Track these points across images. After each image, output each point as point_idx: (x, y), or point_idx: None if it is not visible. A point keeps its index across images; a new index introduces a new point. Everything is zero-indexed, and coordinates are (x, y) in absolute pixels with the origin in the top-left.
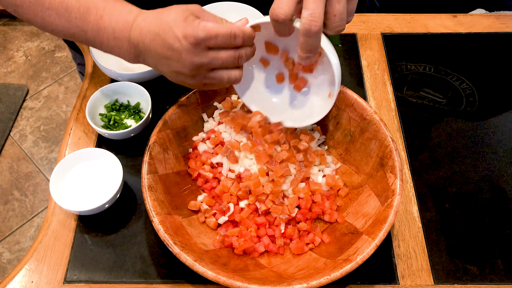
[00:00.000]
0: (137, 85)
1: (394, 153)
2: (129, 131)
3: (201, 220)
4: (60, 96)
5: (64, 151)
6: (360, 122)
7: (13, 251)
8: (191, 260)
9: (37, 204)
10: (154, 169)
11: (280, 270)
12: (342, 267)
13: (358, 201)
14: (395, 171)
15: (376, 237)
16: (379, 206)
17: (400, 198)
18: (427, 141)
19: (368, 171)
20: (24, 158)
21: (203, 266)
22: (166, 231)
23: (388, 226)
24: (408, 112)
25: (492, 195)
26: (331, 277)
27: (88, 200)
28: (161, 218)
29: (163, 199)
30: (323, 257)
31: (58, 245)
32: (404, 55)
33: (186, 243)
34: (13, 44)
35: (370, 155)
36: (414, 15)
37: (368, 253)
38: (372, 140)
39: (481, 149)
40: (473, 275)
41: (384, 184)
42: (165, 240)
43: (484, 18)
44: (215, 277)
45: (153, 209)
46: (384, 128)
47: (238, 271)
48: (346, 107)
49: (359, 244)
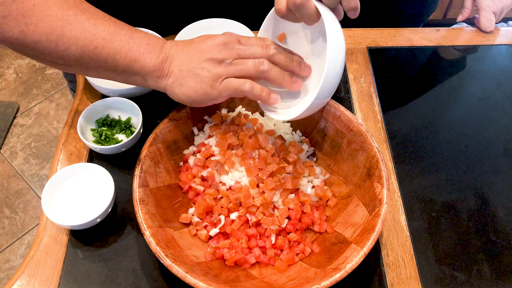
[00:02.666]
0: (128, 100)
1: (381, 163)
2: (120, 145)
3: (192, 232)
4: (51, 113)
5: (56, 166)
6: (347, 134)
7: (3, 269)
8: (182, 272)
9: (28, 221)
10: (145, 183)
11: (271, 281)
12: (332, 276)
13: (347, 211)
14: (382, 181)
15: (365, 246)
16: (367, 215)
17: (387, 207)
18: (414, 151)
19: (356, 181)
20: (14, 175)
21: (194, 277)
22: (158, 244)
23: (376, 235)
24: (394, 123)
25: (477, 203)
26: (321, 286)
27: (80, 214)
28: (153, 231)
29: (154, 212)
30: (313, 267)
31: (50, 260)
32: (390, 68)
33: (177, 255)
34: (4, 62)
35: (358, 165)
36: (398, 29)
37: (357, 262)
38: (359, 151)
39: (466, 158)
40: (461, 282)
41: (371, 194)
42: (156, 252)
43: (465, 31)
44: None
45: (144, 222)
46: (370, 139)
47: (230, 282)
48: (334, 119)
49: (348, 253)
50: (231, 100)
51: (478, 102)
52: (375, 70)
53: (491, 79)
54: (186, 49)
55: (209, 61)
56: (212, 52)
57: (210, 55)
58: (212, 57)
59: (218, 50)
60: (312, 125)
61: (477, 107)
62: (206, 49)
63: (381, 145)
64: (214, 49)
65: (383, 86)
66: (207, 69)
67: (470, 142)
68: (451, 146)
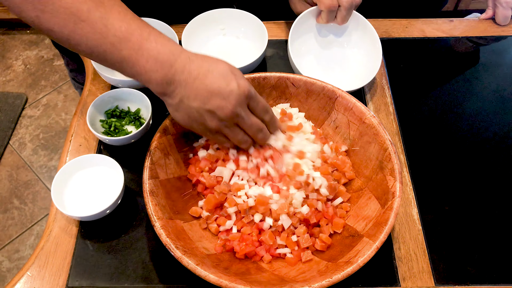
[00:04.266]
0: (137, 91)
1: (393, 156)
2: (129, 137)
3: (202, 226)
4: (59, 104)
5: (65, 157)
6: (359, 126)
7: (13, 259)
8: (193, 264)
9: (37, 212)
10: (155, 174)
11: (281, 274)
12: (344, 269)
13: (358, 204)
14: (395, 174)
15: (377, 239)
16: (379, 208)
17: (400, 201)
18: (426, 144)
19: (367, 174)
20: (23, 166)
21: (205, 270)
22: (168, 236)
23: (388, 228)
24: (407, 115)
25: (491, 196)
26: (333, 280)
27: (90, 206)
28: (163, 222)
29: (164, 204)
30: (324, 260)
31: (59, 251)
32: (402, 59)
33: (188, 247)
34: (12, 53)
35: (370, 158)
36: (410, 20)
37: (369, 255)
38: (371, 144)
39: (480, 151)
40: (474, 277)
41: (384, 187)
42: (167, 244)
43: (480, 22)
44: (217, 280)
45: (154, 214)
46: (382, 132)
47: (240, 275)
48: (345, 111)
49: (360, 246)
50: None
51: (492, 94)
52: (387, 61)
53: (506, 70)
54: (197, 84)
55: (210, 113)
56: (217, 106)
57: (214, 107)
58: (215, 111)
59: (224, 110)
60: (323, 117)
61: (491, 99)
62: (214, 98)
63: (393, 137)
64: (221, 104)
65: (395, 78)
66: (204, 118)
67: (484, 135)
68: (465, 138)
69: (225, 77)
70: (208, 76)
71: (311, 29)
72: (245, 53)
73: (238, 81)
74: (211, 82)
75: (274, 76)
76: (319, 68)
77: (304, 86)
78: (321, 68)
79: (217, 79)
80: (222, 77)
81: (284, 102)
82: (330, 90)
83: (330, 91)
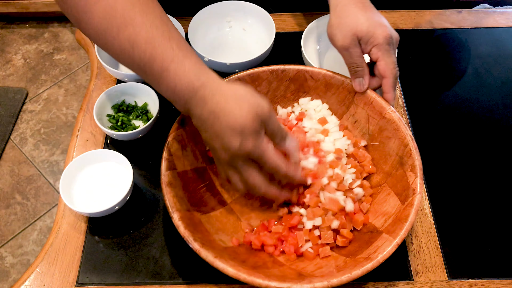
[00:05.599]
0: (144, 85)
1: (414, 151)
2: (137, 132)
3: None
4: (60, 99)
5: (72, 153)
6: (379, 121)
7: (16, 255)
8: (211, 256)
9: (39, 207)
10: (173, 166)
11: (299, 268)
12: (363, 265)
13: (377, 200)
14: (416, 170)
15: (397, 236)
16: (399, 205)
17: (421, 197)
18: (437, 137)
19: (387, 170)
20: (25, 162)
21: (223, 262)
22: (186, 228)
23: (409, 225)
24: (417, 107)
25: (504, 189)
26: (352, 275)
27: (98, 202)
28: (181, 214)
29: (182, 195)
30: (342, 255)
31: (69, 247)
32: (410, 51)
33: (205, 239)
34: (11, 47)
35: (389, 153)
36: (419, 12)
37: (389, 252)
38: (391, 139)
39: (492, 143)
40: (487, 270)
41: (404, 183)
42: (185, 236)
43: (488, 13)
44: (236, 273)
45: (173, 206)
46: (403, 127)
47: (258, 268)
48: (365, 105)
49: (379, 242)
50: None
51: (503, 86)
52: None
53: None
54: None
55: (225, 150)
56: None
57: (218, 149)
58: (232, 151)
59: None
60: (342, 111)
61: (502, 91)
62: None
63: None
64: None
65: (404, 70)
66: (219, 153)
67: (495, 127)
68: (476, 131)
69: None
70: (215, 122)
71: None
72: (252, 46)
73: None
74: (218, 129)
75: (293, 68)
76: (335, 64)
77: (323, 79)
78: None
79: (223, 129)
80: (228, 129)
81: (302, 95)
82: (350, 83)
83: (349, 85)
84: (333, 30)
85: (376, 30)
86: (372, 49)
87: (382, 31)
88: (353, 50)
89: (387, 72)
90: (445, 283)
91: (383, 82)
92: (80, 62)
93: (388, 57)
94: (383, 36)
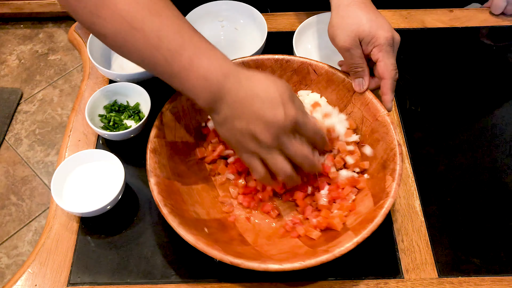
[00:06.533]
0: (136, 85)
1: (398, 157)
2: (129, 131)
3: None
4: (55, 99)
5: (64, 153)
6: (372, 123)
7: (11, 256)
8: (176, 223)
9: (34, 208)
10: (162, 134)
11: (262, 250)
12: (319, 256)
13: (355, 200)
14: (394, 175)
15: (359, 235)
16: (371, 206)
17: (392, 201)
18: (428, 135)
19: (370, 172)
20: (20, 162)
21: (186, 230)
22: (160, 193)
23: (373, 226)
24: (408, 106)
25: (493, 187)
26: (305, 263)
27: (90, 201)
28: (159, 180)
29: (165, 163)
30: (306, 246)
31: (60, 247)
32: (402, 50)
33: (177, 207)
34: (6, 48)
35: (376, 156)
36: (410, 11)
37: (348, 248)
38: (380, 142)
39: (483, 142)
40: (477, 267)
41: (381, 186)
42: (157, 201)
43: (480, 12)
44: (195, 242)
45: (152, 171)
46: (392, 131)
47: (220, 243)
48: (362, 106)
49: (342, 238)
50: None
51: (494, 84)
52: None
53: (508, 60)
54: (243, 106)
55: (251, 136)
56: (260, 131)
57: (256, 132)
58: (257, 136)
59: (266, 136)
60: (339, 109)
61: (493, 89)
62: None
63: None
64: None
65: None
66: (245, 139)
67: (486, 125)
68: (467, 129)
69: (272, 104)
70: (255, 101)
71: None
72: (245, 45)
73: (285, 110)
74: (258, 108)
75: (297, 60)
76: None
77: (325, 74)
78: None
79: (264, 105)
80: (269, 103)
81: (304, 88)
82: (350, 82)
83: (350, 83)
84: (335, 31)
85: (377, 31)
86: (373, 50)
87: (383, 32)
88: (354, 50)
89: (386, 73)
90: (435, 281)
91: (381, 83)
92: (75, 63)
93: (388, 58)
94: (384, 37)
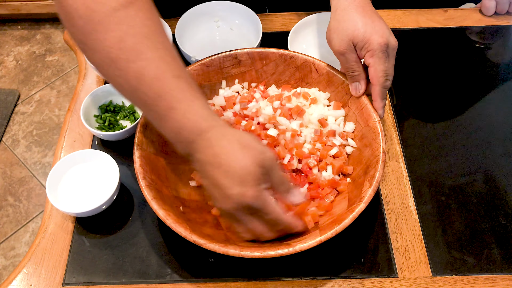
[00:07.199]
0: None
1: (380, 165)
2: (124, 132)
3: None
4: (52, 100)
5: (60, 153)
6: (363, 128)
7: (8, 257)
8: (150, 196)
9: (32, 209)
10: None
11: (234, 237)
12: (278, 249)
13: (334, 201)
14: (372, 181)
15: (324, 234)
16: (345, 209)
17: (364, 206)
18: (422, 134)
19: (352, 176)
20: (17, 163)
21: (158, 205)
22: (141, 165)
23: (339, 228)
24: (402, 105)
25: (487, 186)
26: (262, 254)
27: (85, 202)
28: (144, 154)
29: (154, 139)
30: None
31: (56, 247)
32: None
33: (157, 182)
34: (3, 49)
35: (361, 161)
36: (405, 11)
37: (310, 245)
38: (367, 148)
39: (476, 141)
40: (470, 266)
41: (358, 190)
42: (137, 173)
43: (474, 12)
44: (164, 217)
45: (139, 145)
46: (380, 139)
47: (189, 222)
48: (356, 110)
49: (307, 235)
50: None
51: (487, 84)
52: None
53: (501, 60)
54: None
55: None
56: (221, 199)
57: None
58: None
59: (226, 206)
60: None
61: (486, 89)
62: (220, 190)
63: (389, 128)
64: (224, 200)
65: None
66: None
67: (479, 125)
68: (461, 129)
69: (233, 180)
70: (218, 170)
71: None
72: (240, 46)
73: (243, 192)
74: (219, 177)
75: (301, 57)
76: None
77: (326, 74)
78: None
79: (224, 179)
80: (230, 179)
81: (305, 86)
82: (347, 85)
83: (347, 86)
84: (331, 34)
85: (371, 36)
86: (365, 55)
87: (377, 37)
88: (349, 55)
89: (374, 79)
90: (429, 279)
91: (371, 89)
92: (72, 64)
93: (379, 64)
94: (377, 43)
